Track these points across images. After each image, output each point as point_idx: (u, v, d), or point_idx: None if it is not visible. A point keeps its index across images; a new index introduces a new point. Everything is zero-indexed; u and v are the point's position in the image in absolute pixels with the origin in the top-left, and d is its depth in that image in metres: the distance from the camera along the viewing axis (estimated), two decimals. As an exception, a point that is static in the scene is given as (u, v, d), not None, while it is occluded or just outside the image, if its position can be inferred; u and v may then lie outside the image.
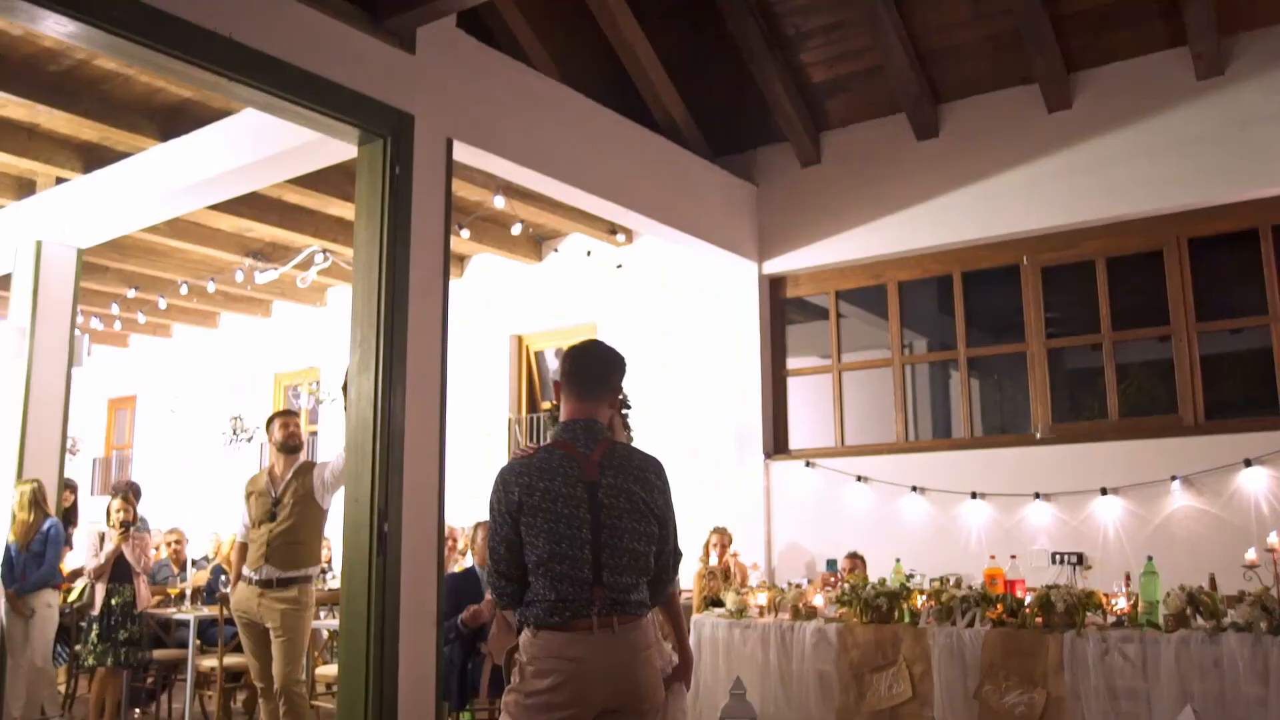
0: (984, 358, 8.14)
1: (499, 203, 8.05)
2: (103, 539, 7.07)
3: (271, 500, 5.73)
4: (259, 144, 6.28)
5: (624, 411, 3.49)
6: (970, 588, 5.61)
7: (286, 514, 5.68)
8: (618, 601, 2.86)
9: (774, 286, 8.68)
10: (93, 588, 7.03)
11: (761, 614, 6.16)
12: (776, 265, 8.53)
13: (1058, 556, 7.02)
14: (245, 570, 5.73)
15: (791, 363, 8.64)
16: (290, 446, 5.87)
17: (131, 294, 10.76)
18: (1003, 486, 7.33)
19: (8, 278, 8.21)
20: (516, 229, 8.71)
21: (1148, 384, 7.36)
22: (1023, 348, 7.56)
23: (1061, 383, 7.65)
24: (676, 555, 3.09)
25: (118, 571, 7.00)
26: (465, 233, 8.77)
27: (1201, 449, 6.73)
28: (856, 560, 7.26)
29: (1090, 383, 7.52)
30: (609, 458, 2.96)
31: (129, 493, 7.29)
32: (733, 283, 8.69)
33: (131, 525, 7.10)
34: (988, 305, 8.06)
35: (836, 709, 5.67)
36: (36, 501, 7.20)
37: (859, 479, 7.90)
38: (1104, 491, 6.94)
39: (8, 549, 7.14)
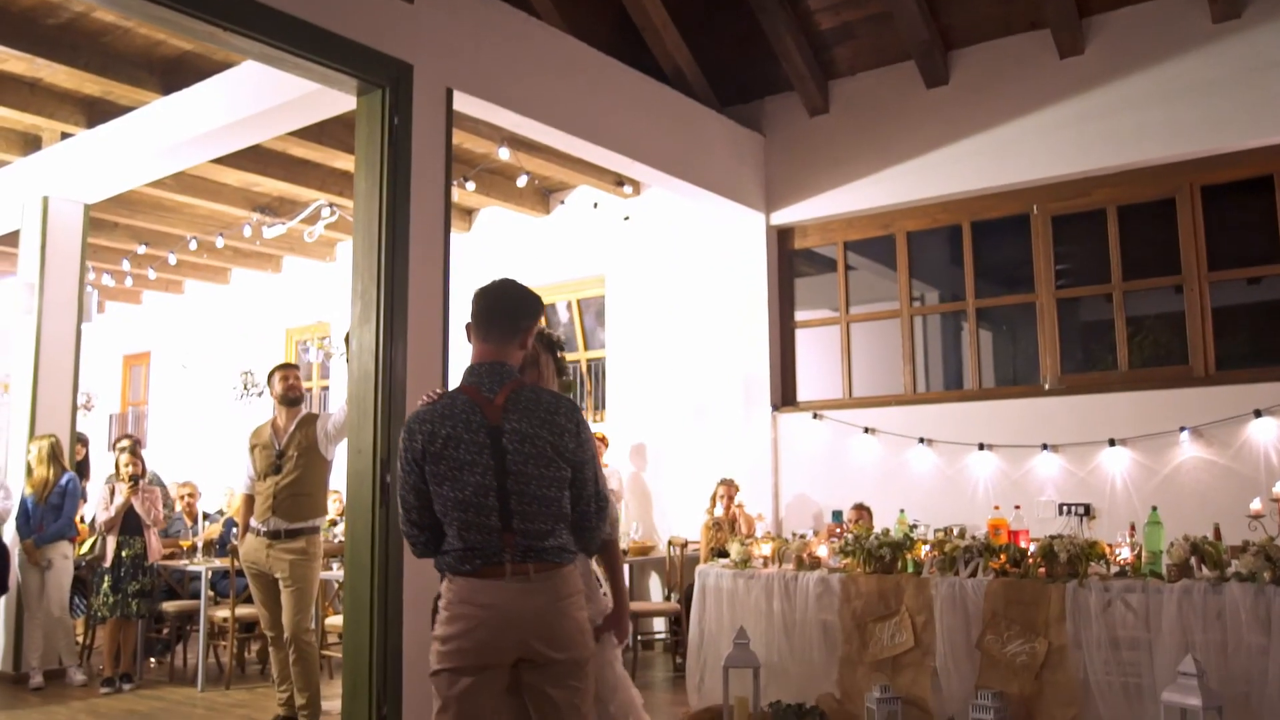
0: (993, 308, 8.07)
1: (504, 155, 7.99)
2: (113, 492, 7.14)
3: (275, 453, 5.76)
4: (259, 96, 6.25)
5: (558, 355, 3.31)
6: (974, 538, 5.61)
7: (291, 466, 5.71)
8: (532, 549, 2.76)
9: (781, 238, 8.62)
10: (103, 540, 7.11)
11: (766, 564, 6.18)
12: (784, 216, 8.46)
13: (1065, 507, 7.00)
14: (253, 522, 5.78)
15: (799, 314, 8.60)
16: (290, 399, 5.89)
17: (141, 250, 10.77)
18: (1010, 438, 7.29)
19: (17, 234, 8.25)
20: (522, 181, 8.65)
21: (1163, 336, 7.28)
22: (1032, 298, 7.49)
23: (1071, 334, 7.59)
24: (599, 501, 2.93)
25: (128, 524, 7.09)
26: (470, 185, 8.72)
27: (1211, 400, 6.67)
28: (862, 511, 7.27)
29: (1101, 334, 7.46)
30: (514, 401, 2.82)
31: (136, 446, 7.35)
32: (740, 234, 8.63)
33: (140, 479, 7.16)
34: (997, 255, 7.98)
35: (839, 658, 5.71)
36: (54, 456, 7.30)
37: (866, 431, 7.88)
38: (1112, 443, 6.90)
39: (24, 501, 7.23)
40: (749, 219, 8.52)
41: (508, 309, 2.94)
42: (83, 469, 8.45)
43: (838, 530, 6.38)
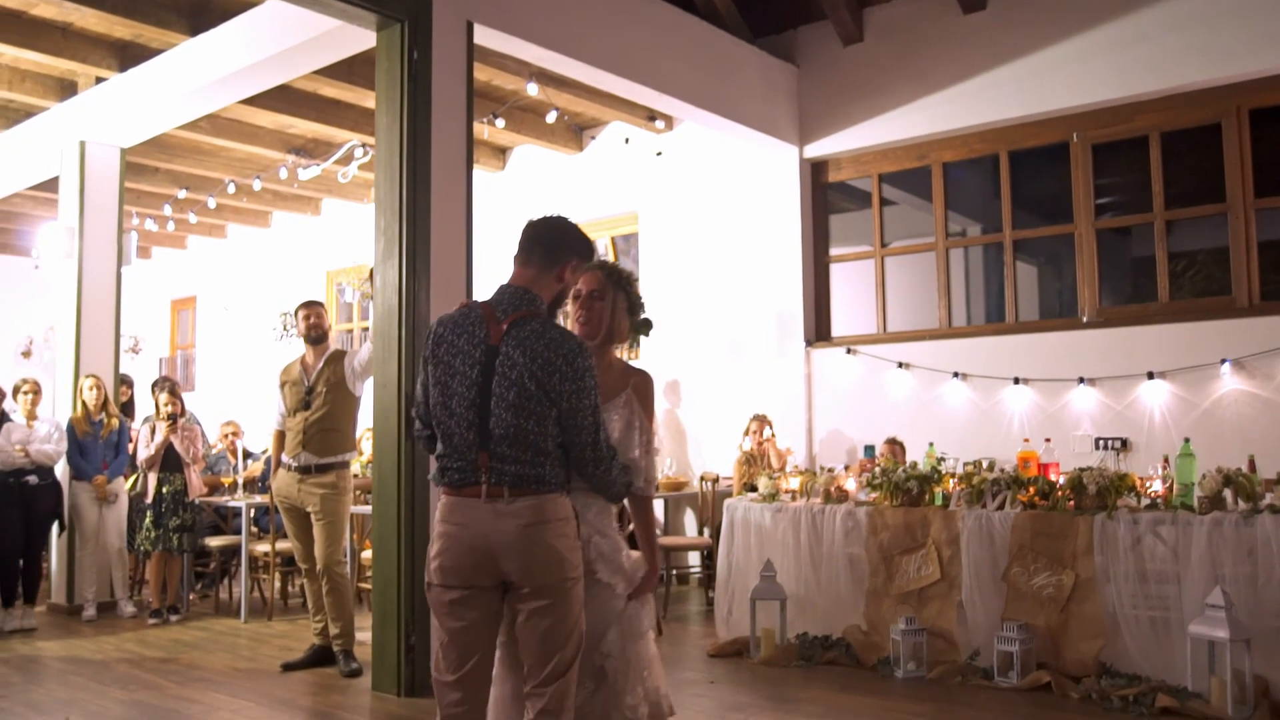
0: (1031, 240, 7.89)
1: (532, 90, 7.92)
2: (153, 431, 7.29)
3: (304, 389, 5.83)
4: (281, 35, 6.25)
5: (631, 291, 3.13)
6: (1002, 470, 5.56)
7: (320, 402, 5.77)
8: (507, 473, 2.72)
9: (815, 171, 8.49)
10: (145, 477, 7.28)
11: (794, 498, 6.18)
12: (818, 149, 8.32)
13: (1101, 442, 6.91)
14: (284, 457, 5.87)
15: (834, 249, 8.49)
16: (313, 337, 5.93)
17: (182, 194, 10.87)
18: (1047, 371, 7.18)
19: (57, 180, 8.36)
20: (551, 117, 8.57)
21: (1215, 270, 7.08)
22: (1071, 229, 7.31)
23: (1111, 265, 7.43)
24: (596, 451, 2.81)
25: (168, 462, 7.25)
26: (500, 122, 8.66)
27: (1255, 331, 6.49)
28: (895, 446, 7.23)
29: (1142, 265, 7.29)
30: (518, 328, 2.78)
31: (175, 387, 7.48)
32: (774, 168, 8.51)
33: (179, 417, 7.30)
34: (1036, 186, 7.80)
35: (866, 591, 5.71)
36: (109, 396, 7.49)
37: (900, 365, 7.80)
38: (1151, 375, 6.76)
39: (78, 442, 7.36)
40: (782, 152, 8.40)
41: (549, 240, 2.91)
42: (128, 410, 8.63)
43: (870, 465, 6.35)
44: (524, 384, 2.73)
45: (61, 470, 7.47)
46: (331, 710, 4.90)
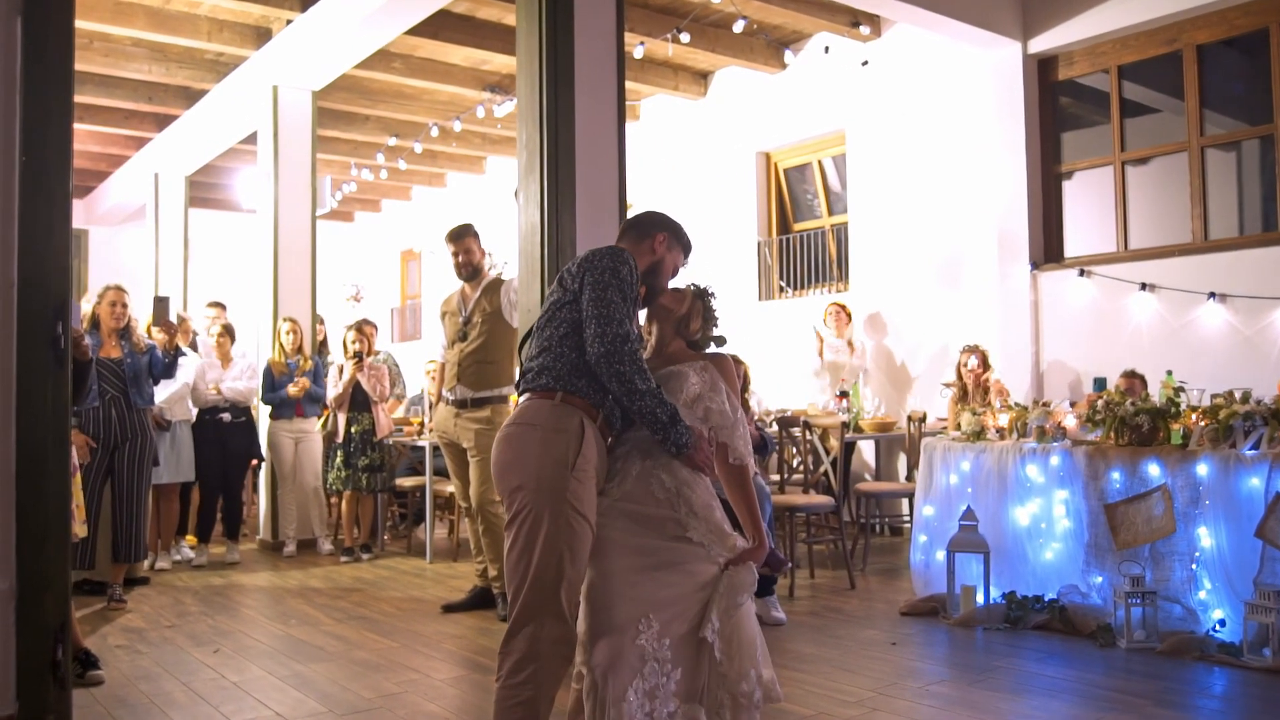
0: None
1: (715, -2, 7.31)
2: (341, 371, 7.28)
3: (462, 320, 5.55)
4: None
5: (708, 303, 2.98)
6: (1259, 403, 4.54)
7: (476, 333, 5.48)
8: (523, 372, 2.85)
9: (1042, 68, 7.41)
10: (334, 417, 7.28)
11: (1002, 437, 5.36)
12: (1044, 42, 7.25)
13: (1404, 371, 5.64)
14: (444, 391, 5.63)
15: (1065, 158, 7.41)
16: (465, 275, 5.62)
17: (392, 141, 10.98)
18: (1331, 288, 5.94)
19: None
20: (739, 26, 7.89)
21: None
22: (1363, 113, 5.99)
23: None
24: (607, 344, 2.60)
25: (356, 401, 7.21)
26: (685, 37, 8.05)
27: None
28: (1134, 380, 6.19)
29: None
30: None
31: (364, 325, 7.44)
32: (993, 69, 7.51)
33: (365, 356, 7.23)
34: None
35: (1085, 545, 4.86)
36: (304, 339, 7.55)
37: (1144, 287, 6.71)
38: None
39: (274, 381, 7.44)
40: (1003, 49, 7.40)
41: (639, 222, 3.03)
42: (324, 349, 8.75)
43: (1095, 399, 5.43)
44: (562, 282, 2.81)
45: (263, 411, 7.63)
46: (471, 655, 4.61)
